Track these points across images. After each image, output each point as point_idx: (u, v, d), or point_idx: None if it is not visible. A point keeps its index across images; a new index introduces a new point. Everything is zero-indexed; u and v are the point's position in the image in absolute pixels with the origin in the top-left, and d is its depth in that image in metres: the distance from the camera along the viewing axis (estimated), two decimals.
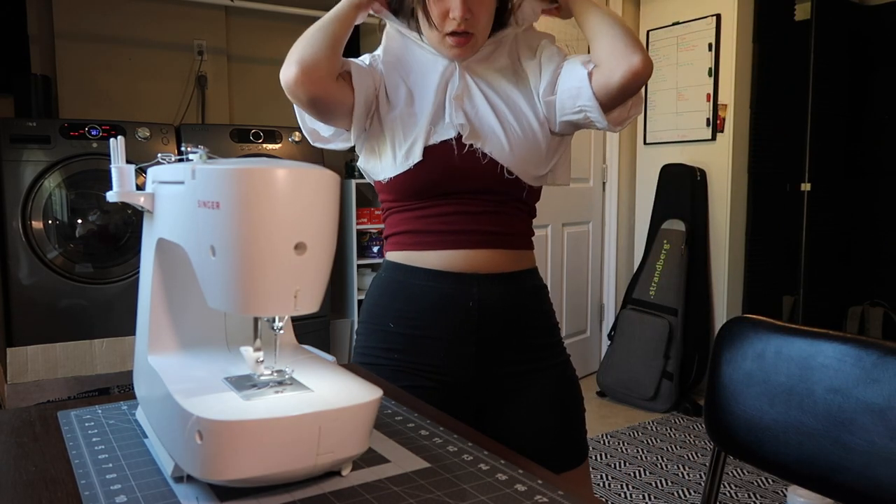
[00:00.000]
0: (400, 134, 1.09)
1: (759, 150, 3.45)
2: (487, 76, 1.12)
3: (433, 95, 1.09)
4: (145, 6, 3.51)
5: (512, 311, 1.12)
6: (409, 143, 1.08)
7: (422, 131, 1.07)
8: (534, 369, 1.13)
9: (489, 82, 1.12)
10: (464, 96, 1.10)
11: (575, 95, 1.07)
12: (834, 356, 0.93)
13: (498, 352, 1.11)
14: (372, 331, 1.15)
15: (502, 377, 1.12)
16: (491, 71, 1.13)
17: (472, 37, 1.07)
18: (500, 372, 1.12)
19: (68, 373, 1.72)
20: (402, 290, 1.12)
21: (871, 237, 3.85)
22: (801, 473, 0.96)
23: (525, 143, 1.09)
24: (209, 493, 0.64)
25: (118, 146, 0.76)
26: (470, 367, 1.10)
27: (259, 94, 3.95)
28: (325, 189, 0.65)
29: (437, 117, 1.09)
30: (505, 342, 1.11)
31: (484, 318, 1.09)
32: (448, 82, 1.11)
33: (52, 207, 2.85)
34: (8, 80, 3.09)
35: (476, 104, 1.10)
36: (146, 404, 0.78)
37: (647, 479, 2.56)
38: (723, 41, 3.34)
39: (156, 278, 0.78)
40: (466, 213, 1.09)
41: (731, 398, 1.05)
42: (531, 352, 1.14)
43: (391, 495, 0.65)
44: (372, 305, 1.16)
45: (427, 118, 1.08)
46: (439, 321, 1.09)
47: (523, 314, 1.13)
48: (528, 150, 1.09)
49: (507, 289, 1.11)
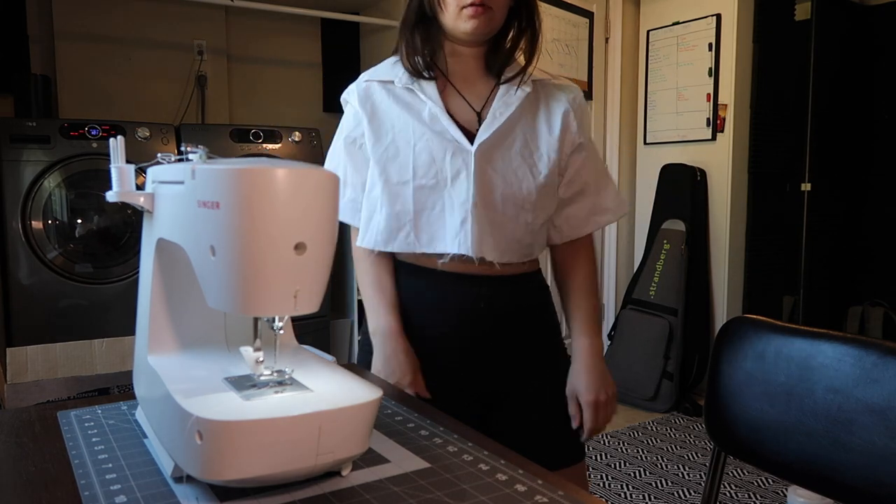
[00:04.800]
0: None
1: (759, 150, 3.45)
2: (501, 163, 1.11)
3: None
4: (145, 6, 3.51)
5: (519, 311, 1.14)
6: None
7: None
8: (537, 366, 1.15)
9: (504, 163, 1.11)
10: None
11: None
12: (834, 356, 0.93)
13: (505, 350, 1.13)
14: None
15: (507, 374, 1.13)
16: (506, 155, 1.11)
17: (489, 10, 1.05)
18: (505, 369, 1.13)
19: (68, 373, 1.72)
20: (411, 290, 1.12)
21: (871, 237, 3.85)
22: (801, 473, 0.96)
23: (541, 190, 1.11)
24: (209, 493, 0.64)
25: (118, 146, 0.76)
26: (477, 365, 1.12)
27: (259, 94, 3.95)
28: (325, 189, 0.65)
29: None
30: (512, 341, 1.13)
31: (493, 319, 1.11)
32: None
33: (52, 207, 2.85)
34: (8, 80, 3.08)
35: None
36: (146, 404, 0.78)
37: (647, 479, 2.56)
38: (723, 41, 3.34)
39: (156, 278, 0.78)
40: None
41: (731, 398, 1.05)
42: (536, 350, 1.16)
43: (391, 495, 0.65)
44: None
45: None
46: (449, 321, 1.10)
47: (530, 314, 1.15)
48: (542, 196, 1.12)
49: (515, 289, 1.13)
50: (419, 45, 1.10)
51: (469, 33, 1.08)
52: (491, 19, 1.07)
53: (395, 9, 3.89)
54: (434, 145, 1.07)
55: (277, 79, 4.02)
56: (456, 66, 1.13)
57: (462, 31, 1.08)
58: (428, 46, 1.10)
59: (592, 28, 3.65)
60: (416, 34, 1.11)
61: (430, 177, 1.07)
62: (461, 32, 1.08)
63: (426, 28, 1.11)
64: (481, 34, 1.09)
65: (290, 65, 4.03)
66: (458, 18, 1.06)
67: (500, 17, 1.09)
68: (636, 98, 3.77)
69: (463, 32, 1.08)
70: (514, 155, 1.09)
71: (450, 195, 1.06)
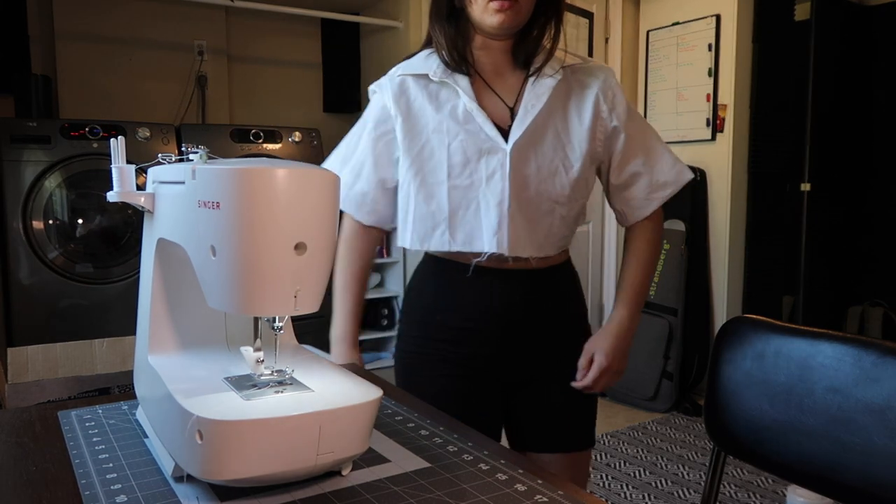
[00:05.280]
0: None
1: (759, 150, 3.45)
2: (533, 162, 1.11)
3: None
4: (145, 6, 3.51)
5: (550, 303, 1.15)
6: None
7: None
8: (563, 353, 1.17)
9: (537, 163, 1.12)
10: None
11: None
12: (834, 356, 0.93)
13: (533, 339, 1.15)
14: (415, 320, 1.18)
15: (533, 361, 1.16)
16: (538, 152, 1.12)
17: (515, 4, 1.06)
18: (532, 357, 1.16)
19: (68, 373, 1.72)
20: (446, 284, 1.14)
21: (871, 237, 3.85)
22: (801, 473, 0.96)
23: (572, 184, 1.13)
24: (209, 493, 0.64)
25: (118, 146, 0.76)
26: (505, 354, 1.14)
27: (259, 94, 3.95)
28: (325, 189, 0.65)
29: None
30: (541, 330, 1.15)
31: (524, 311, 1.13)
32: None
33: (53, 207, 2.85)
34: (8, 80, 3.08)
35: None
36: (146, 404, 0.79)
37: (647, 479, 2.56)
38: (723, 41, 3.34)
39: (156, 278, 0.78)
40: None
41: (731, 398, 1.05)
42: (563, 337, 1.18)
43: (391, 495, 0.65)
44: (416, 297, 1.19)
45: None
46: (481, 314, 1.12)
47: (560, 304, 1.18)
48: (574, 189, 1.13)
49: (548, 282, 1.15)
50: (450, 38, 1.11)
51: (496, 27, 1.08)
52: (518, 12, 1.07)
53: (395, 9, 3.89)
54: (468, 145, 1.08)
55: (277, 79, 4.02)
56: (485, 58, 1.14)
57: (489, 24, 1.08)
58: (458, 39, 1.11)
59: (592, 28, 3.65)
60: (447, 27, 1.12)
61: (465, 177, 1.08)
62: (488, 26, 1.09)
63: (456, 21, 1.12)
64: (508, 27, 1.09)
65: (290, 65, 4.03)
66: (485, 12, 1.07)
67: (528, 9, 1.09)
68: (636, 98, 3.77)
69: (490, 26, 1.08)
70: (546, 150, 1.10)
71: (485, 195, 1.08)
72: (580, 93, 1.14)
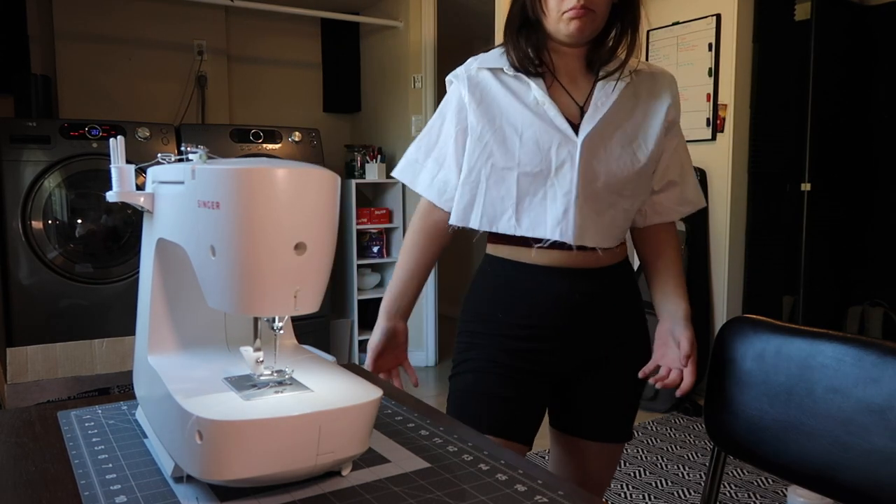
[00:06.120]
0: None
1: (759, 150, 3.45)
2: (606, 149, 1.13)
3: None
4: (145, 6, 3.52)
5: (611, 300, 1.17)
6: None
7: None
8: (620, 349, 1.19)
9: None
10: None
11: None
12: (834, 356, 0.93)
13: (596, 338, 1.16)
14: (476, 319, 1.19)
15: (592, 359, 1.18)
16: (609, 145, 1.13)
17: (590, 13, 1.07)
18: (591, 356, 1.17)
19: (68, 373, 1.72)
20: (509, 285, 1.16)
21: (871, 237, 3.85)
22: (801, 473, 0.96)
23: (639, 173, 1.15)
24: (209, 493, 0.64)
25: (118, 146, 0.76)
26: (568, 353, 1.16)
27: (259, 94, 3.95)
28: (325, 189, 0.64)
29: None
30: (601, 328, 1.17)
31: (586, 310, 1.14)
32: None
33: (52, 207, 2.85)
34: (8, 80, 3.09)
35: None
36: (146, 404, 0.78)
37: (647, 479, 2.56)
38: (723, 41, 3.34)
39: (156, 278, 0.78)
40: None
41: (731, 398, 1.05)
42: (621, 335, 1.20)
43: (391, 495, 0.65)
44: (479, 298, 1.20)
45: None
46: (540, 313, 1.13)
47: (620, 302, 1.19)
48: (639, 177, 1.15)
49: (609, 280, 1.17)
50: (524, 46, 1.13)
51: (571, 36, 1.10)
52: (592, 21, 1.09)
53: (395, 9, 3.89)
54: (541, 134, 1.10)
55: (277, 79, 4.02)
56: (560, 62, 1.16)
57: (564, 34, 1.10)
58: (532, 47, 1.13)
59: None
60: (521, 37, 1.14)
61: (535, 164, 1.10)
62: (563, 36, 1.11)
63: (530, 31, 1.14)
64: (583, 37, 1.11)
65: (290, 65, 4.03)
66: (559, 22, 1.09)
67: (602, 18, 1.11)
68: None
69: (565, 35, 1.10)
70: (614, 145, 1.12)
71: (553, 184, 1.10)
72: (650, 96, 1.17)
